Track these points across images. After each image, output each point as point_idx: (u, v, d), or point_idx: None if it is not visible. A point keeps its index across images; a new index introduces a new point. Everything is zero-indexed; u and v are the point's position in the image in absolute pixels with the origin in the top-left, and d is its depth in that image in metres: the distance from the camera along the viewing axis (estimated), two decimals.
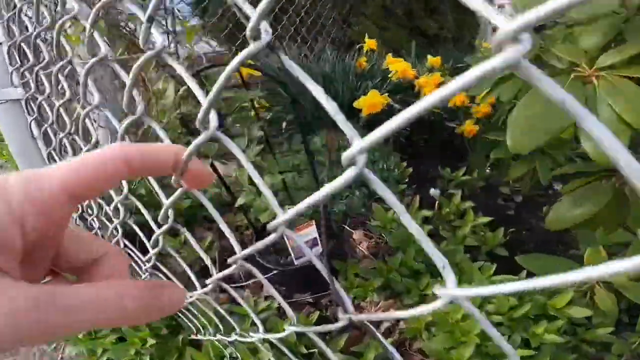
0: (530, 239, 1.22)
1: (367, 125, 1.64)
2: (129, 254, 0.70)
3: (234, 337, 0.52)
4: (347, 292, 0.96)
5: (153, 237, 0.43)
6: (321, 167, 1.33)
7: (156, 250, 0.46)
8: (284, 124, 1.52)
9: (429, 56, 1.88)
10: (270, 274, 0.91)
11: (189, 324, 0.72)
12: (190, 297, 0.54)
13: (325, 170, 1.30)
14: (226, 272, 0.38)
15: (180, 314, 0.73)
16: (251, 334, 0.46)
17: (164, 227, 0.39)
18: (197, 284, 0.51)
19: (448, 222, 1.17)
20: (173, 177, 0.24)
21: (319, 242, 0.85)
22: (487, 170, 1.57)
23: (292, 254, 0.85)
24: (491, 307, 0.71)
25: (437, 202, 1.20)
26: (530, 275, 0.83)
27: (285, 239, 0.82)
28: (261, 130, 0.85)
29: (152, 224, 0.45)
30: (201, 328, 0.67)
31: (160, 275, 0.66)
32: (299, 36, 2.07)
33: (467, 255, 0.97)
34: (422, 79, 1.70)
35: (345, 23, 2.53)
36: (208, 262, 0.44)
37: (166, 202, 0.33)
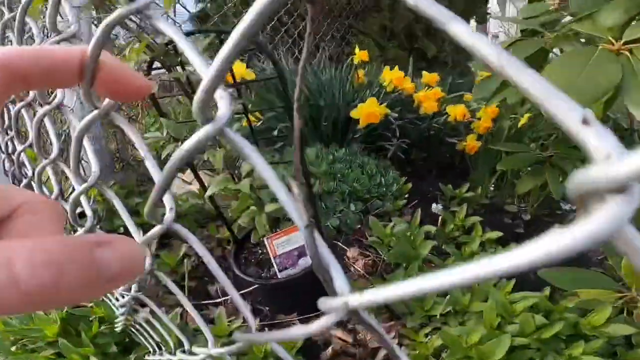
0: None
1: (364, 139, 1.56)
2: None
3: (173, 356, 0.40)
4: None
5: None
6: (314, 180, 1.23)
7: None
8: (274, 133, 1.43)
9: (424, 72, 1.82)
10: (248, 289, 0.78)
11: (145, 341, 0.59)
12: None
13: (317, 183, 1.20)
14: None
15: (134, 330, 0.60)
16: (178, 353, 0.36)
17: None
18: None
19: (452, 238, 1.06)
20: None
21: (307, 250, 0.74)
22: (491, 188, 1.48)
23: (275, 266, 0.73)
24: (513, 328, 0.59)
25: (440, 218, 1.09)
26: (555, 291, 0.71)
27: (267, 247, 0.70)
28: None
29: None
30: (156, 347, 0.54)
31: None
32: (298, 48, 2.03)
33: None
34: (421, 93, 1.64)
35: (344, 40, 2.52)
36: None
37: None
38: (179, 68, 0.59)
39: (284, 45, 2.07)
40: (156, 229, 0.21)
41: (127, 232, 0.33)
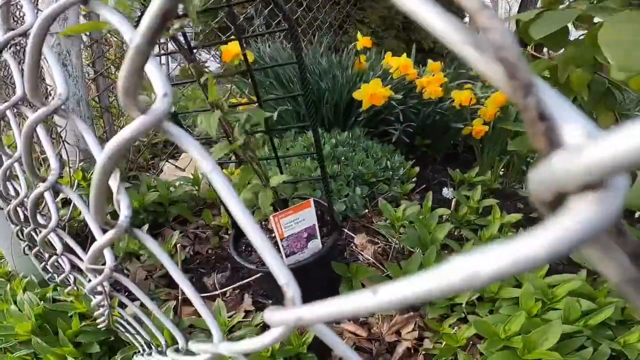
0: None
1: (367, 124, 1.49)
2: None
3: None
4: None
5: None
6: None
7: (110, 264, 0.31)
8: (274, 117, 1.34)
9: (429, 61, 1.79)
10: (250, 278, 0.70)
11: (133, 339, 0.50)
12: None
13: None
14: (93, 283, 0.33)
15: (120, 327, 0.51)
16: (170, 352, 0.32)
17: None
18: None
19: (467, 222, 0.99)
20: None
21: (317, 232, 0.65)
22: (501, 172, 1.41)
23: (282, 250, 0.65)
24: (555, 315, 0.52)
25: (453, 201, 1.02)
26: (591, 274, 0.64)
27: (274, 226, 0.61)
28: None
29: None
30: (145, 346, 0.45)
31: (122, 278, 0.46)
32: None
33: None
34: (425, 78, 1.58)
35: (342, 29, 2.44)
36: None
37: None
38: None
39: (281, 33, 1.99)
40: (108, 236, 0.20)
41: (114, 215, 0.25)
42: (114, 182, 0.22)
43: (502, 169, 1.46)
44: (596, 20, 0.76)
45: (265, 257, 0.16)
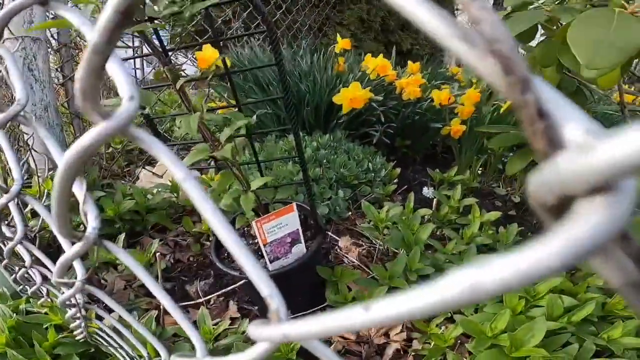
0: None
1: (348, 126, 1.49)
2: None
3: None
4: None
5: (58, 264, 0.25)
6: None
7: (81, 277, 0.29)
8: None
9: (408, 61, 1.82)
10: (234, 285, 0.68)
11: (114, 351, 0.48)
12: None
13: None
14: (64, 296, 0.32)
15: (99, 338, 0.49)
16: None
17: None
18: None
19: (449, 221, 1.00)
20: None
21: (301, 236, 0.64)
22: (479, 171, 1.45)
23: (265, 255, 0.63)
24: (539, 312, 0.52)
25: (434, 201, 1.03)
26: (570, 270, 0.65)
27: (256, 232, 0.60)
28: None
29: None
30: (127, 357, 0.43)
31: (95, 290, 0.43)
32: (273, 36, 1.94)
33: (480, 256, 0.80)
34: (404, 79, 1.60)
35: (321, 31, 2.45)
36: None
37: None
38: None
39: (260, 35, 1.97)
40: (75, 249, 0.19)
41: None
42: (79, 192, 0.21)
43: (480, 168, 1.50)
44: (562, 21, 0.79)
45: (246, 268, 0.15)
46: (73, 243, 0.24)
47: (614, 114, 1.72)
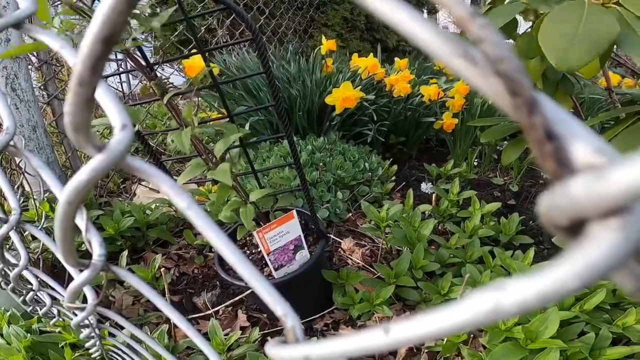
0: (542, 226, 1.07)
1: (341, 127, 1.49)
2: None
3: None
4: (349, 311, 0.74)
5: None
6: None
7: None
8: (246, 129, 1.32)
9: (396, 58, 1.83)
10: (241, 295, 0.67)
11: None
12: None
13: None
14: (77, 319, 0.32)
15: (115, 355, 0.49)
16: None
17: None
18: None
19: (449, 215, 1.00)
20: None
21: (303, 242, 0.64)
22: (475, 163, 1.45)
23: (270, 264, 0.63)
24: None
25: (433, 196, 1.03)
26: None
27: (258, 241, 0.60)
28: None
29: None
30: None
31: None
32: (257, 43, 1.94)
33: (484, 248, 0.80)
34: (393, 76, 1.61)
35: (307, 34, 2.45)
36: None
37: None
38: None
39: (246, 42, 1.96)
40: (84, 276, 0.19)
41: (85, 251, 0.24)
42: (81, 222, 0.20)
43: (476, 159, 1.50)
44: (540, 11, 0.80)
45: (258, 290, 0.15)
46: (81, 270, 0.24)
47: (601, 98, 1.73)
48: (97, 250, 0.22)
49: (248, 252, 0.74)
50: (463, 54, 0.08)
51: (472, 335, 0.56)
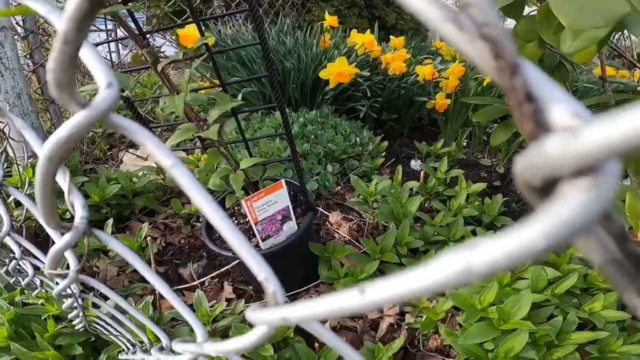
0: (526, 208, 1.10)
1: (334, 101, 1.47)
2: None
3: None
4: (333, 285, 0.76)
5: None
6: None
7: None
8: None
9: (391, 36, 1.80)
10: (227, 266, 0.68)
11: (115, 339, 0.49)
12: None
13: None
14: (59, 287, 0.32)
15: (99, 327, 0.49)
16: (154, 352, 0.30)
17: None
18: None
19: (436, 193, 1.02)
20: None
21: (291, 213, 0.65)
22: (465, 143, 1.46)
23: (257, 234, 0.64)
24: (523, 284, 0.55)
25: (422, 173, 1.04)
26: None
27: (246, 210, 0.60)
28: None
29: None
30: (128, 344, 0.44)
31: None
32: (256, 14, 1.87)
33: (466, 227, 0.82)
34: (389, 55, 1.58)
35: (305, 8, 2.37)
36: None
37: None
38: None
39: (242, 15, 1.89)
40: (65, 240, 0.19)
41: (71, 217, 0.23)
42: (63, 183, 0.20)
43: (465, 140, 1.51)
44: None
45: (241, 253, 0.15)
46: (62, 233, 0.24)
47: (594, 87, 1.74)
48: (80, 212, 0.22)
49: (236, 222, 0.75)
50: (452, 19, 0.08)
51: (449, 314, 0.59)
